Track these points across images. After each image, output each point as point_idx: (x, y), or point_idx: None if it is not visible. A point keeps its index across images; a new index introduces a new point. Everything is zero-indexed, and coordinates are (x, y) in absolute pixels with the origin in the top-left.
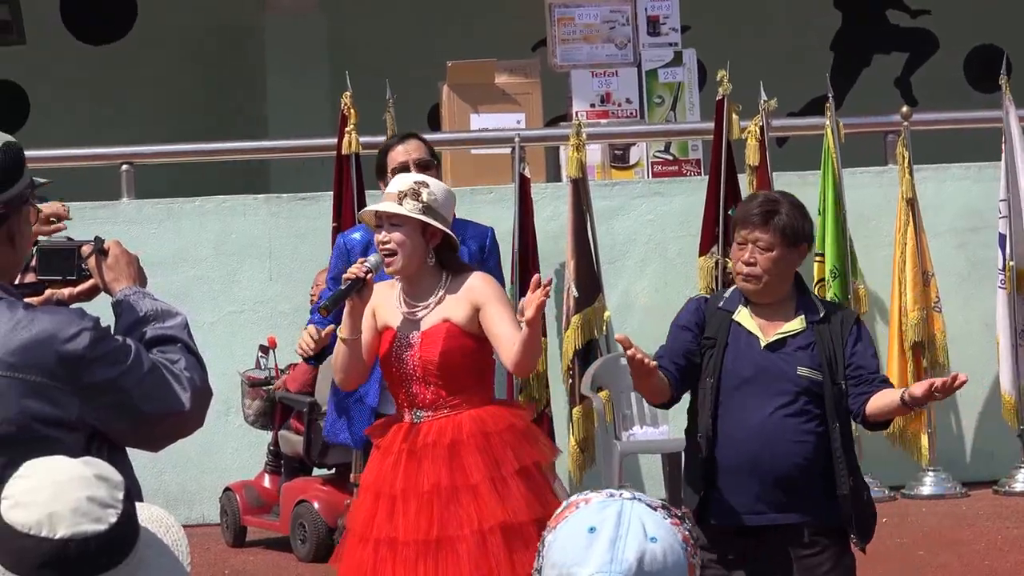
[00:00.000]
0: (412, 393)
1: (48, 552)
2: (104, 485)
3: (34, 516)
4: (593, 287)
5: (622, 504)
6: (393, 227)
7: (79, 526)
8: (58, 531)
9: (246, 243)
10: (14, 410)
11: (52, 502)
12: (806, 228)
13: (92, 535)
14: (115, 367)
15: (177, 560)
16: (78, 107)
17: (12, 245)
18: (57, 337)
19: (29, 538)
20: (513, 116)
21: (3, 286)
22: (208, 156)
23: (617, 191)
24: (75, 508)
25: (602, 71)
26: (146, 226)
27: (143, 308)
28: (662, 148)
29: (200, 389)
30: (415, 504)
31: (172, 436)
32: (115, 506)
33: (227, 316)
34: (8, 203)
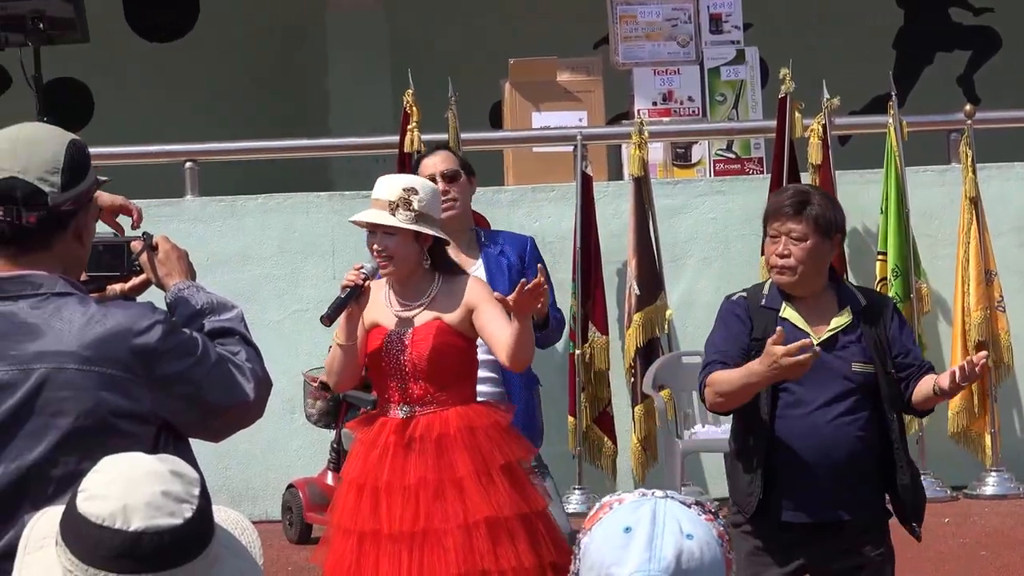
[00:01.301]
0: (401, 389)
1: (121, 544)
2: (179, 481)
3: (108, 508)
4: (655, 285)
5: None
6: (387, 235)
7: (153, 519)
8: (132, 523)
9: (309, 241)
10: (91, 403)
11: (127, 495)
12: (838, 218)
13: (166, 529)
14: (185, 359)
15: (254, 563)
16: (141, 105)
17: (80, 241)
18: (131, 330)
19: (103, 529)
20: (575, 114)
21: (73, 282)
22: (272, 154)
23: (679, 189)
24: (149, 502)
25: (664, 69)
26: (210, 224)
27: (199, 301)
28: (724, 146)
29: (262, 380)
30: (400, 497)
31: (236, 426)
32: (190, 502)
33: (292, 314)
34: (76, 200)
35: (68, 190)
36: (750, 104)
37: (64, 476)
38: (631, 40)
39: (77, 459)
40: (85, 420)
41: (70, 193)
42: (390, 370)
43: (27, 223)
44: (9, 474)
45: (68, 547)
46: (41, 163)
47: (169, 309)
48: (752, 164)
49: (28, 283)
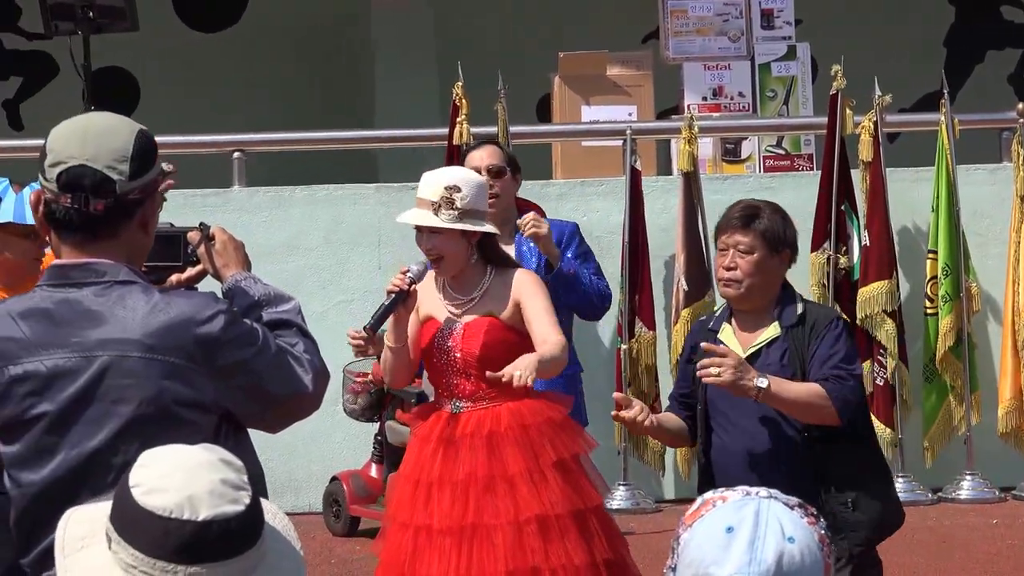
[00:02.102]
0: (452, 384)
1: (190, 534)
2: (231, 468)
3: (173, 499)
4: (703, 281)
5: (759, 503)
6: (433, 234)
7: (219, 507)
8: (200, 513)
9: (356, 232)
10: (153, 391)
11: (188, 486)
12: (788, 234)
13: (232, 516)
14: (246, 349)
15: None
16: (187, 95)
17: (145, 231)
18: (194, 319)
19: (170, 521)
20: (624, 108)
21: (136, 271)
22: (319, 145)
23: (728, 185)
24: (212, 490)
25: (715, 64)
26: (257, 214)
27: (256, 293)
28: (774, 143)
29: (320, 371)
30: (449, 492)
31: (294, 417)
32: (246, 488)
33: (337, 305)
34: (143, 189)
35: (136, 179)
36: (800, 100)
37: (125, 464)
38: (682, 35)
39: (138, 447)
40: (147, 408)
41: (138, 182)
42: (442, 366)
43: (95, 211)
44: (70, 460)
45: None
46: (110, 152)
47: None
48: (802, 161)
49: (93, 271)
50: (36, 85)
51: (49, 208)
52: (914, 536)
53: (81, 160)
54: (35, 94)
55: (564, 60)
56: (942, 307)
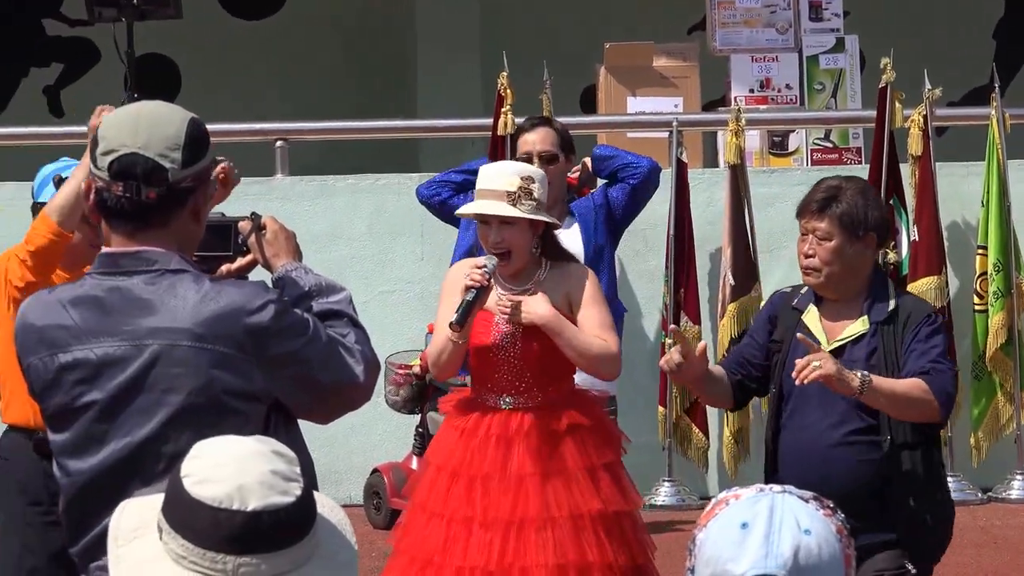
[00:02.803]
0: (507, 380)
1: (240, 525)
2: (282, 460)
3: (224, 489)
4: (749, 276)
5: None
6: (505, 226)
7: (269, 498)
8: (250, 503)
9: (399, 222)
10: (203, 380)
11: (239, 476)
12: (870, 216)
13: (282, 507)
14: (297, 339)
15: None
16: (230, 82)
17: (196, 220)
18: (245, 309)
19: (221, 511)
20: (670, 100)
21: (187, 259)
22: (362, 134)
23: (775, 178)
24: (262, 481)
25: (762, 56)
26: (299, 203)
27: (307, 283)
28: (822, 136)
29: (371, 361)
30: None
31: (345, 407)
32: (297, 480)
33: (379, 296)
34: (195, 177)
35: (188, 167)
36: (849, 93)
37: (175, 454)
38: (729, 26)
39: (188, 437)
40: (197, 397)
41: (190, 170)
42: (498, 361)
43: (146, 199)
44: (120, 450)
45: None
46: (162, 139)
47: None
48: (850, 154)
49: (144, 259)
50: (77, 72)
51: (100, 196)
52: (964, 536)
53: (133, 148)
54: (76, 80)
55: (610, 51)
56: (992, 304)
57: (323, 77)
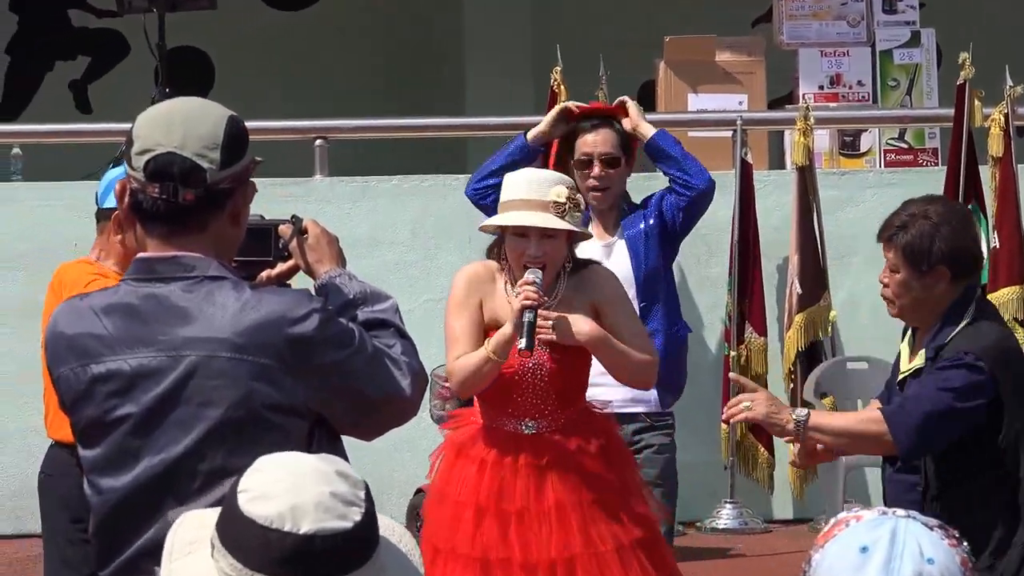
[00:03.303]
0: (526, 403)
1: (291, 547)
2: (345, 482)
3: (276, 509)
4: (818, 284)
5: (896, 522)
6: (546, 239)
7: (323, 522)
8: (302, 525)
9: (445, 226)
10: (242, 394)
11: (294, 495)
12: (936, 249)
13: (339, 531)
14: (342, 350)
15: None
16: (265, 77)
17: (235, 223)
18: (287, 318)
19: (271, 531)
20: (734, 97)
21: (226, 266)
22: (406, 132)
23: (846, 181)
24: (318, 503)
25: (832, 50)
26: (340, 205)
27: (352, 291)
28: (896, 135)
29: (418, 374)
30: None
31: (390, 423)
32: (358, 504)
33: (423, 304)
34: (234, 178)
35: (227, 168)
36: (925, 90)
37: (211, 471)
38: (797, 19)
39: (225, 453)
40: (236, 411)
41: (229, 171)
42: (521, 383)
43: (183, 201)
44: (154, 466)
45: (229, 551)
46: (199, 138)
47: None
48: (926, 155)
49: (181, 265)
50: (105, 65)
51: (135, 198)
52: None
53: (169, 147)
54: (104, 75)
55: (670, 44)
56: None
57: (365, 71)
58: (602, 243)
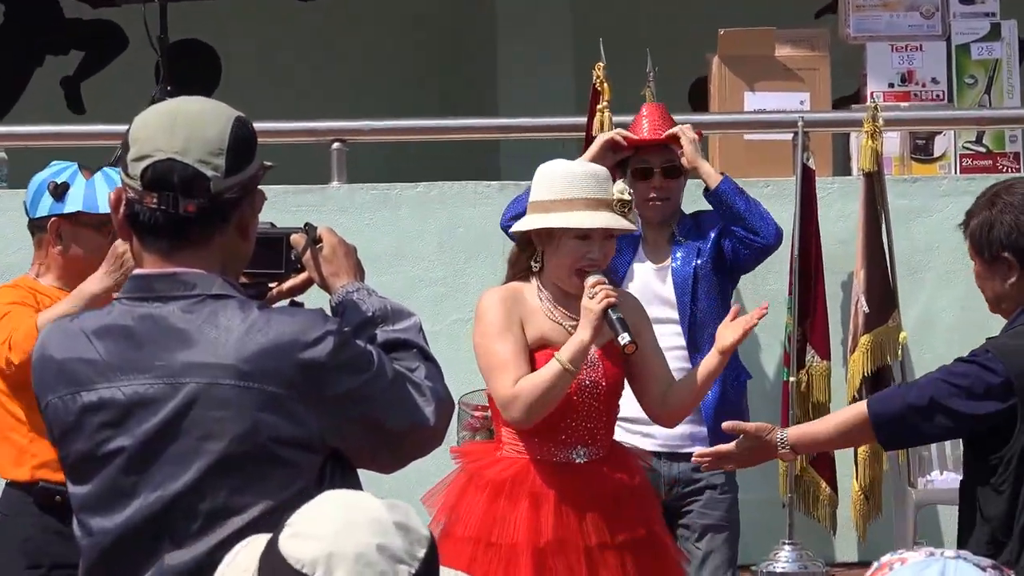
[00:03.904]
0: (580, 428)
1: None
2: (403, 536)
3: (312, 553)
4: (887, 302)
5: (945, 563)
6: (608, 240)
7: None
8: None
9: (476, 238)
10: (248, 425)
11: (336, 541)
12: (997, 236)
13: None
14: (359, 376)
15: None
16: (278, 73)
17: (243, 235)
18: (298, 342)
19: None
20: (796, 96)
21: (232, 283)
22: (434, 135)
23: (919, 188)
24: (360, 554)
25: (904, 45)
26: (359, 215)
27: (371, 307)
28: (973, 139)
29: (443, 400)
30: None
31: (412, 455)
32: (409, 563)
33: (451, 325)
34: (241, 187)
35: (233, 175)
36: (1005, 89)
37: (213, 511)
38: (865, 10)
39: (229, 491)
40: (240, 445)
41: (235, 179)
42: (580, 404)
43: (184, 212)
44: (150, 504)
45: None
46: (203, 143)
47: (336, 314)
48: (1007, 160)
49: (181, 282)
50: (101, 60)
51: (132, 209)
52: None
53: (169, 153)
54: (99, 71)
55: (724, 38)
56: None
57: (388, 67)
58: (656, 266)
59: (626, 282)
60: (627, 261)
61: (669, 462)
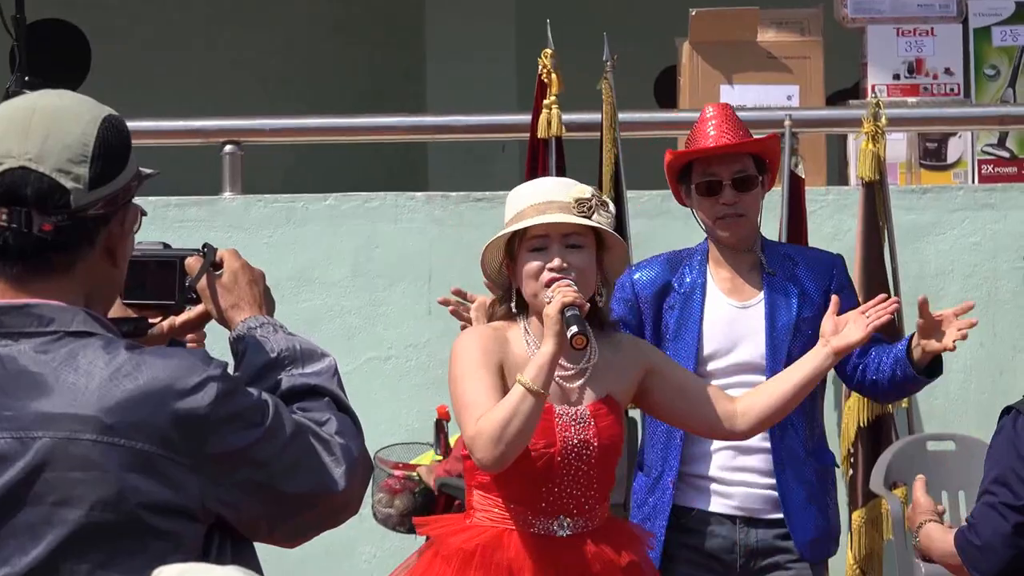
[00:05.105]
0: (564, 495)
1: None
2: None
3: None
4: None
5: None
6: (572, 249)
7: None
8: None
9: (397, 260)
10: (112, 490)
11: None
12: None
13: None
14: (249, 431)
15: None
16: (158, 61)
17: (112, 260)
18: (173, 389)
19: None
20: (782, 89)
21: (98, 317)
22: (347, 136)
23: (928, 200)
24: None
25: (912, 28)
26: (256, 233)
27: (276, 347)
28: (994, 141)
29: (358, 460)
30: None
31: (321, 525)
32: None
33: (366, 364)
34: (111, 201)
35: (98, 187)
36: None
37: None
38: None
39: (91, 567)
40: (103, 513)
41: (101, 191)
42: (564, 468)
43: (40, 232)
44: None
45: None
46: (63, 148)
47: (234, 354)
48: None
49: (34, 316)
50: None
51: None
52: None
53: (22, 160)
54: None
55: (697, 20)
56: None
57: (296, 58)
58: (735, 303)
59: (680, 323)
60: (694, 297)
61: (746, 528)
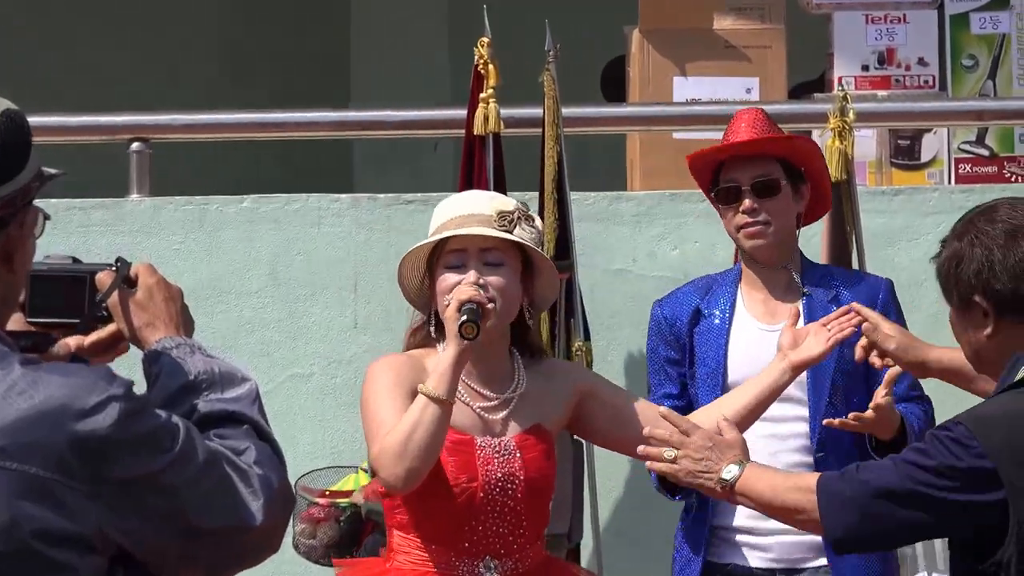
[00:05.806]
0: (487, 531)
1: None
2: None
3: None
4: None
5: None
6: (490, 267)
7: None
8: None
9: (320, 268)
10: (4, 518)
11: None
12: (963, 277)
13: None
14: (156, 457)
15: None
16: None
17: (10, 266)
18: (71, 409)
19: None
20: (741, 82)
21: None
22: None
23: (901, 203)
24: None
25: (883, 15)
26: (165, 238)
27: (193, 369)
28: (972, 138)
29: (279, 492)
30: None
31: (236, 563)
32: None
33: (287, 382)
34: (8, 203)
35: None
36: (1015, 73)
37: None
38: None
39: None
40: None
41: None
42: (488, 504)
43: None
44: None
45: None
46: None
47: (147, 377)
48: (1015, 166)
49: None
50: None
51: None
52: None
53: None
54: None
55: (647, 6)
56: None
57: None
58: (764, 326)
59: (704, 348)
60: (721, 322)
61: None
